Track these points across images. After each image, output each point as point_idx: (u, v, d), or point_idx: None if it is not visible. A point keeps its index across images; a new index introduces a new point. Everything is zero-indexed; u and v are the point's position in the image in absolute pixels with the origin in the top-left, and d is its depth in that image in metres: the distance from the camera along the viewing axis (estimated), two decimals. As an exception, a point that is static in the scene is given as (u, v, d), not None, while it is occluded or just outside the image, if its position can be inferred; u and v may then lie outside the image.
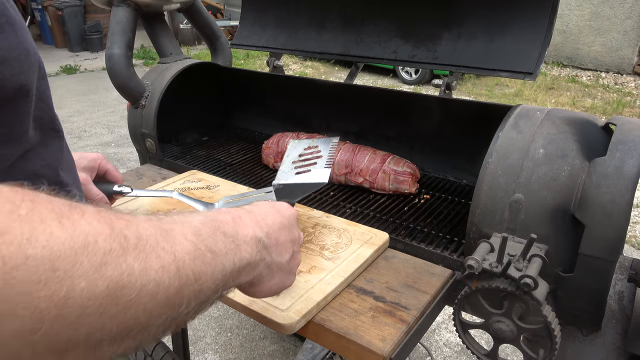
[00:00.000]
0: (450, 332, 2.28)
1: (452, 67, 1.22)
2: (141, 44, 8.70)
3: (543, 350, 0.78)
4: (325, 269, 0.88)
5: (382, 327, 0.77)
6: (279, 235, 0.57)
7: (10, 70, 0.43)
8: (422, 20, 1.27)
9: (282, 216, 0.60)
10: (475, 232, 0.88)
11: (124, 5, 1.41)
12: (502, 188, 0.84)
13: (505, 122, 0.91)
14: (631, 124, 0.83)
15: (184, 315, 0.40)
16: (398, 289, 0.87)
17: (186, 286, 0.39)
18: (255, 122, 1.80)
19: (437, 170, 1.37)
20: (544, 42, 1.08)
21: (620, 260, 0.89)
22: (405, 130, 1.43)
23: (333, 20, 1.44)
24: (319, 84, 1.61)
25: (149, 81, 1.46)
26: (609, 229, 0.74)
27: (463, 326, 0.85)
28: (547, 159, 0.83)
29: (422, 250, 0.99)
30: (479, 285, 0.78)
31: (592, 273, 0.77)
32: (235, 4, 9.72)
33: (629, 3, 6.45)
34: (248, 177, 1.40)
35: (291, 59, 8.10)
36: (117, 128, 5.03)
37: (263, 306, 0.79)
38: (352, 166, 1.25)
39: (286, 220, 0.60)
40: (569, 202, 0.79)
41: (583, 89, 6.31)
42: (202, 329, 2.32)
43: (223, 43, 1.77)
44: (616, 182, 0.75)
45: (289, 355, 2.16)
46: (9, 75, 0.43)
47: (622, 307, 0.85)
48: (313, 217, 1.07)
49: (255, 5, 1.62)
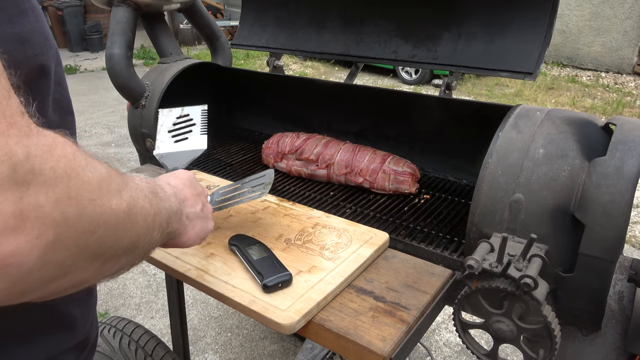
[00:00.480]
0: (450, 332, 2.29)
1: (452, 67, 1.22)
2: (141, 44, 8.70)
3: (543, 350, 0.78)
4: (325, 269, 0.88)
5: (382, 327, 0.77)
6: (186, 192, 0.69)
7: (32, 50, 0.48)
8: (422, 20, 1.27)
9: (182, 178, 0.72)
10: (475, 232, 0.88)
11: (124, 5, 1.41)
12: (502, 188, 0.84)
13: (505, 122, 0.91)
14: (631, 124, 0.83)
15: (150, 244, 0.51)
16: (398, 289, 0.87)
17: (155, 216, 0.51)
18: (255, 122, 1.80)
19: (437, 170, 1.37)
20: (544, 42, 1.08)
21: (620, 260, 0.89)
22: (405, 130, 1.43)
23: (333, 20, 1.44)
24: (319, 84, 1.61)
25: (149, 81, 1.46)
26: (609, 229, 0.74)
27: (463, 326, 0.85)
28: (547, 159, 0.83)
29: (422, 250, 0.99)
30: (479, 285, 0.78)
31: (592, 273, 0.77)
32: (235, 4, 9.72)
33: (629, 3, 6.45)
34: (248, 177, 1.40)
35: (291, 59, 8.10)
36: (117, 128, 5.03)
37: (263, 306, 0.79)
38: (352, 166, 1.25)
39: (187, 181, 0.72)
40: (569, 202, 0.79)
41: (583, 89, 6.31)
42: (202, 329, 2.32)
43: (223, 43, 1.77)
44: (616, 182, 0.75)
45: (289, 355, 2.16)
46: (32, 55, 0.48)
47: (622, 307, 0.85)
48: (313, 217, 1.07)
49: (255, 5, 1.62)
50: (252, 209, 1.11)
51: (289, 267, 0.88)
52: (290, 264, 0.89)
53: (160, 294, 2.55)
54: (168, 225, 0.57)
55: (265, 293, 0.82)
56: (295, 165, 1.35)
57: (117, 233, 0.43)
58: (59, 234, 0.35)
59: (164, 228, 0.55)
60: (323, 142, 1.33)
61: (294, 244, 0.96)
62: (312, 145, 1.32)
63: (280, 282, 0.82)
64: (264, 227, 1.03)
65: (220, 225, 1.04)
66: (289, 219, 1.06)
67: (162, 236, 0.55)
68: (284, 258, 0.91)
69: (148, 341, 1.37)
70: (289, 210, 1.10)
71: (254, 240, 0.95)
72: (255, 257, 0.88)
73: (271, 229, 1.02)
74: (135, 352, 1.34)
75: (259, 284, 0.82)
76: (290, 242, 0.97)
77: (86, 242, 0.39)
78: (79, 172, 0.38)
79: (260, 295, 0.81)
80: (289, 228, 1.02)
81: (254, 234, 0.99)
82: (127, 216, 0.44)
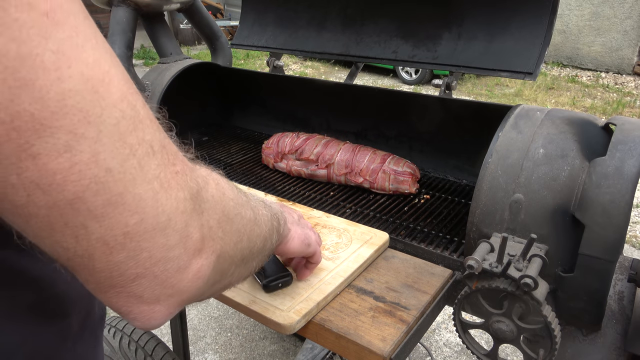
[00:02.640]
0: (450, 332, 2.29)
1: (452, 67, 1.22)
2: (141, 44, 8.70)
3: (543, 350, 0.78)
4: (325, 269, 0.88)
5: (382, 327, 0.77)
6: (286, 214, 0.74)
7: None
8: (422, 20, 1.27)
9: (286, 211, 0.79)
10: (475, 232, 0.88)
11: (124, 5, 1.41)
12: (502, 188, 0.84)
13: (505, 122, 0.91)
14: (631, 124, 0.83)
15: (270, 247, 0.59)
16: (398, 289, 0.87)
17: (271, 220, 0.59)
18: (255, 122, 1.80)
19: (437, 170, 1.37)
20: (544, 42, 1.08)
21: (620, 260, 0.89)
22: (405, 130, 1.43)
23: (333, 20, 1.44)
24: (319, 84, 1.61)
25: (149, 81, 1.46)
26: (609, 229, 0.74)
27: (463, 326, 0.85)
28: (547, 159, 0.83)
29: (422, 250, 0.99)
30: (479, 285, 0.78)
31: (592, 273, 0.77)
32: (235, 4, 9.72)
33: (629, 3, 6.46)
34: (248, 177, 1.40)
35: (291, 59, 8.10)
36: (117, 128, 5.02)
37: (263, 306, 0.79)
38: (352, 166, 1.25)
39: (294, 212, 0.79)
40: (569, 202, 0.79)
41: (583, 89, 6.31)
42: (202, 329, 2.32)
43: (223, 43, 1.77)
44: (616, 182, 0.75)
45: (289, 355, 2.16)
46: None
47: (622, 307, 0.85)
48: (313, 217, 1.07)
49: (255, 5, 1.62)
50: (252, 209, 1.11)
51: (289, 267, 0.88)
52: (290, 264, 0.89)
53: (160, 294, 2.55)
54: (279, 228, 0.63)
55: (266, 293, 0.82)
56: (295, 165, 1.35)
57: (252, 239, 0.51)
58: (222, 247, 0.42)
59: (279, 231, 0.62)
60: (323, 142, 1.33)
61: (294, 244, 0.96)
62: (312, 145, 1.32)
63: (281, 282, 0.82)
64: (264, 227, 1.03)
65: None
66: (289, 219, 1.06)
67: (278, 238, 0.62)
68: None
69: (148, 341, 1.37)
70: (289, 210, 1.10)
71: None
72: None
73: (271, 229, 1.02)
74: (135, 352, 1.34)
75: (259, 284, 0.82)
76: (290, 242, 0.97)
77: (236, 250, 0.46)
78: (225, 193, 0.46)
79: (261, 296, 0.81)
80: (289, 228, 1.02)
81: (254, 234, 0.99)
82: (255, 223, 0.52)
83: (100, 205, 0.31)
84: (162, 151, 0.35)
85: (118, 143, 0.31)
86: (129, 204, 0.32)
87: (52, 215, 0.30)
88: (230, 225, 0.45)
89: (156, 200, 0.34)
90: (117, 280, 0.34)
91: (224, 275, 0.46)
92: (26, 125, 0.27)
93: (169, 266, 0.36)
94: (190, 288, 0.39)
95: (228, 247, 0.44)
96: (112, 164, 0.31)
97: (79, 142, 0.29)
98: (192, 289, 0.39)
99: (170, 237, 0.35)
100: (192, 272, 0.38)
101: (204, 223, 0.39)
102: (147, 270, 0.35)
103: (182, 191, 0.36)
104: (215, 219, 0.41)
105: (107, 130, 0.31)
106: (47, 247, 0.33)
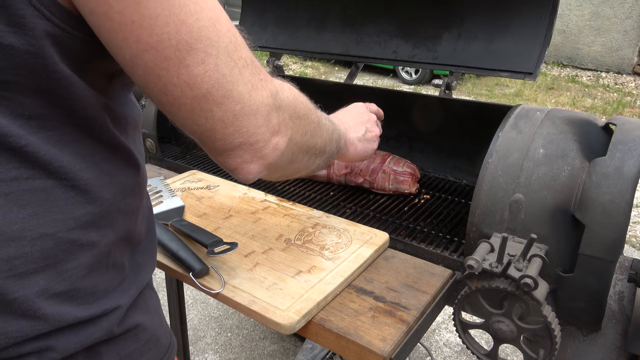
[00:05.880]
0: (450, 332, 2.29)
1: (452, 67, 1.22)
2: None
3: (543, 350, 0.78)
4: (325, 269, 0.88)
5: (382, 327, 0.77)
6: (349, 122, 0.93)
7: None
8: (422, 20, 1.27)
9: (349, 110, 0.98)
10: (475, 232, 0.88)
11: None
12: (502, 188, 0.84)
13: (505, 122, 0.91)
14: (631, 124, 0.83)
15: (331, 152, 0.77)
16: (398, 289, 0.87)
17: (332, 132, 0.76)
18: (255, 122, 1.79)
19: (437, 170, 1.37)
20: (544, 42, 1.08)
21: (620, 260, 0.89)
22: (405, 130, 1.43)
23: (333, 20, 1.44)
24: (319, 84, 1.61)
25: (149, 81, 1.46)
26: (609, 229, 0.74)
27: (463, 326, 0.85)
28: (547, 159, 0.83)
29: (422, 250, 0.99)
30: (479, 285, 0.78)
31: (592, 273, 0.77)
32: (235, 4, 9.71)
33: (629, 3, 6.46)
34: (248, 177, 1.39)
35: (291, 59, 8.10)
36: (117, 128, 5.02)
37: (263, 306, 0.79)
38: (352, 166, 1.25)
39: (353, 112, 0.97)
40: (569, 202, 0.79)
41: (583, 89, 6.32)
42: (202, 329, 2.32)
43: (223, 43, 1.77)
44: (616, 182, 0.75)
45: (289, 355, 2.16)
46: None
47: (622, 307, 0.85)
48: (313, 217, 1.07)
49: (255, 5, 1.62)
50: (252, 209, 1.11)
51: (289, 267, 0.88)
52: (290, 264, 0.89)
53: (160, 294, 2.55)
54: (339, 141, 0.80)
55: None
56: (295, 165, 1.35)
57: (315, 137, 0.68)
58: (293, 134, 0.60)
59: (338, 143, 0.79)
60: (323, 142, 1.33)
61: (294, 244, 0.96)
62: (312, 145, 1.32)
63: (224, 244, 0.87)
64: (264, 227, 1.03)
65: (220, 225, 1.04)
66: (289, 219, 1.06)
67: (337, 149, 0.80)
68: (284, 258, 0.91)
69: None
70: (289, 210, 1.10)
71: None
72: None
73: (271, 229, 1.02)
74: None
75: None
76: (290, 242, 0.97)
77: (302, 140, 0.63)
78: (297, 97, 0.62)
79: (261, 295, 0.81)
80: (289, 228, 1.02)
81: (254, 234, 0.99)
82: (318, 126, 0.69)
83: (220, 96, 0.48)
84: (252, 64, 0.52)
85: (228, 58, 0.48)
86: (235, 97, 0.49)
87: (194, 103, 0.48)
88: (299, 120, 0.61)
89: (250, 95, 0.51)
90: (229, 146, 0.52)
91: (294, 158, 0.63)
92: (183, 47, 0.44)
93: (259, 138, 0.54)
94: (271, 156, 0.56)
95: (297, 136, 0.61)
96: (225, 71, 0.48)
97: (208, 57, 0.46)
98: (273, 157, 0.56)
99: (259, 119, 0.53)
100: (272, 144, 0.55)
101: (280, 114, 0.56)
102: (246, 140, 0.53)
103: (265, 91, 0.53)
104: (288, 113, 0.58)
105: (222, 50, 0.47)
106: (188, 127, 0.51)
